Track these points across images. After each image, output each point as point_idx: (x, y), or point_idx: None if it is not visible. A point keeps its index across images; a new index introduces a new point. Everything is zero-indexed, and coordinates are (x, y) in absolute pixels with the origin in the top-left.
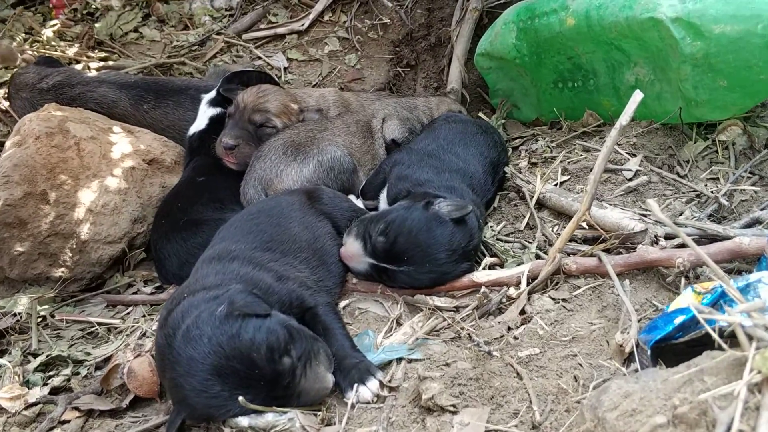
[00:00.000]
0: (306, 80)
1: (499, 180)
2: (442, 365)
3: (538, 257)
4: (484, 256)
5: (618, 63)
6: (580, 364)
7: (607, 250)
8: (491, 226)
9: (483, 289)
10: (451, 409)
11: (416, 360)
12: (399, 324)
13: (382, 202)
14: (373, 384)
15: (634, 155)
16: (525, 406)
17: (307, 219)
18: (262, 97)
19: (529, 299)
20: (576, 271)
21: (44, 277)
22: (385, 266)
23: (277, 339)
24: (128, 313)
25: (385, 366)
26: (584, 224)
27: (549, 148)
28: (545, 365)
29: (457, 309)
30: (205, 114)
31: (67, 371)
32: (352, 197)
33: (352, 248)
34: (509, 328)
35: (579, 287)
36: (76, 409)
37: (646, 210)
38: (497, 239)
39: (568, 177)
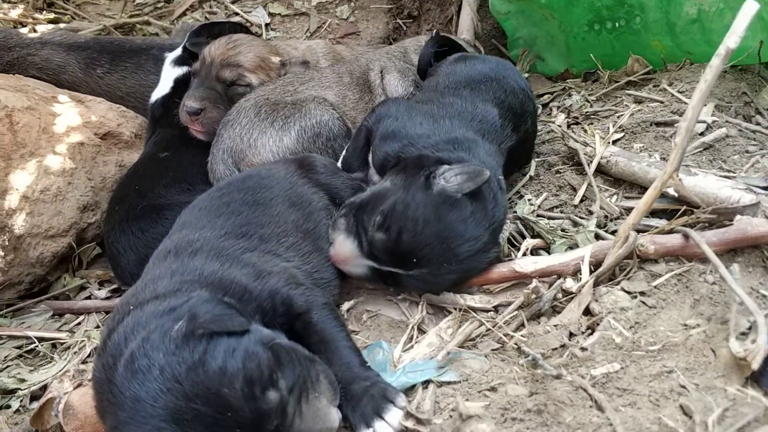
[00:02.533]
0: (291, 38)
1: (525, 132)
2: (485, 390)
3: (598, 237)
4: (523, 237)
5: None
6: (684, 387)
7: (689, 227)
8: (529, 200)
9: (534, 283)
10: None
11: (449, 383)
12: (421, 331)
13: (374, 173)
14: (393, 416)
15: (703, 104)
16: None
17: (295, 191)
18: (232, 48)
19: (594, 293)
20: (654, 253)
21: None
22: (389, 270)
23: (258, 366)
24: (78, 324)
25: (406, 391)
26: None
27: (588, 102)
28: (632, 388)
29: (496, 309)
30: (169, 75)
31: None
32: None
33: (344, 248)
34: (572, 334)
35: (659, 275)
36: None
37: (729, 171)
38: (538, 215)
39: (622, 134)
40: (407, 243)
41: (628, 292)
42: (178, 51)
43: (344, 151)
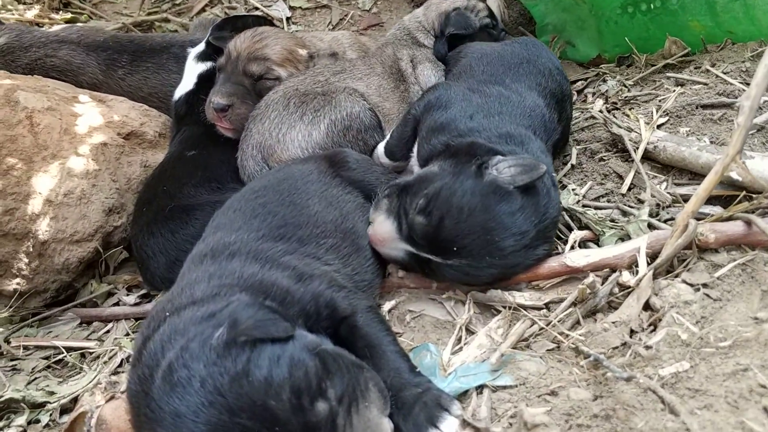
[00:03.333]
0: (314, 30)
1: (566, 119)
2: (546, 395)
3: (651, 227)
4: (570, 229)
5: None
6: (763, 386)
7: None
8: (573, 189)
9: (591, 277)
10: None
11: (505, 387)
12: (469, 332)
13: (415, 164)
14: (449, 425)
15: (750, 84)
16: None
17: (330, 191)
18: (259, 41)
19: (653, 287)
20: (715, 242)
21: None
22: (427, 257)
23: (306, 375)
24: (107, 332)
25: (459, 396)
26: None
27: (625, 87)
28: (705, 388)
29: (547, 306)
30: (192, 71)
31: (23, 420)
32: (376, 147)
33: (383, 229)
34: (633, 332)
35: (720, 265)
36: None
37: None
38: (584, 206)
39: (667, 119)
40: (449, 230)
41: (690, 285)
42: (201, 46)
43: (389, 137)
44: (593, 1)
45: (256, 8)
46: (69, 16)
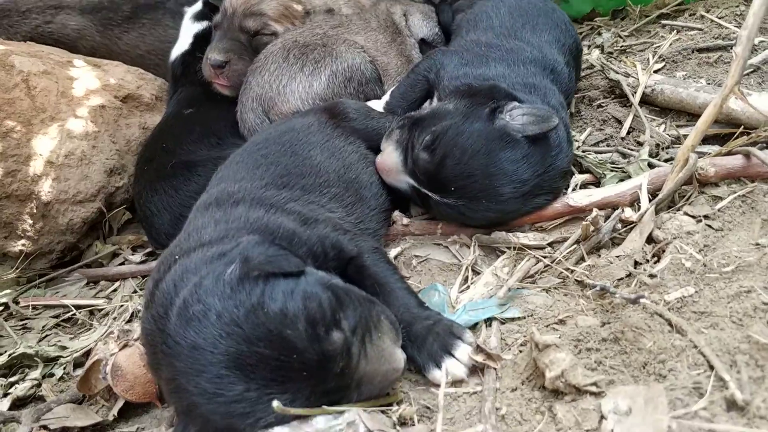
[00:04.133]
0: None
1: (578, 76)
2: (554, 324)
3: (651, 166)
4: (571, 174)
5: None
6: (766, 303)
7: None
8: (572, 136)
9: (594, 212)
10: (593, 389)
11: (513, 319)
12: (475, 272)
13: None
14: (463, 351)
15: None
16: (704, 375)
17: (332, 142)
18: None
19: (655, 221)
20: (715, 176)
21: (0, 254)
22: (426, 192)
23: (320, 306)
24: (115, 290)
25: (469, 329)
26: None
27: (621, 38)
28: (710, 310)
29: (551, 246)
30: (188, 31)
31: (37, 373)
32: (374, 103)
33: (389, 160)
34: (637, 263)
35: (721, 198)
36: (45, 428)
37: None
38: (584, 151)
39: (663, 64)
40: (449, 169)
41: (692, 217)
42: (198, 5)
43: (388, 97)
44: None
45: None
46: None
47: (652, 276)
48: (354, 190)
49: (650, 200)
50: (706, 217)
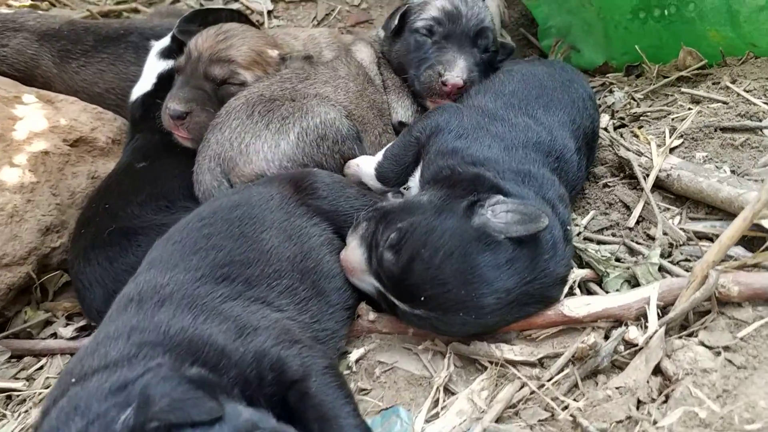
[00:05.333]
0: (296, 26)
1: (591, 163)
2: None
3: (662, 269)
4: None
5: None
6: None
7: None
8: (573, 219)
9: (592, 337)
10: None
11: None
12: (449, 392)
13: (415, 188)
14: None
15: None
16: None
17: (291, 222)
18: (223, 40)
19: (664, 347)
20: (739, 296)
21: None
22: (393, 301)
23: None
24: (40, 368)
25: None
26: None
27: (634, 100)
28: None
29: (541, 363)
30: (152, 70)
31: None
32: (359, 163)
33: (352, 257)
34: (640, 402)
35: (745, 323)
36: None
37: None
38: (585, 238)
39: (681, 141)
40: (417, 274)
41: (709, 347)
42: (166, 40)
43: (381, 158)
44: (602, 3)
45: (236, 0)
46: (29, 2)
47: (658, 427)
48: (311, 282)
49: (659, 317)
50: (726, 348)
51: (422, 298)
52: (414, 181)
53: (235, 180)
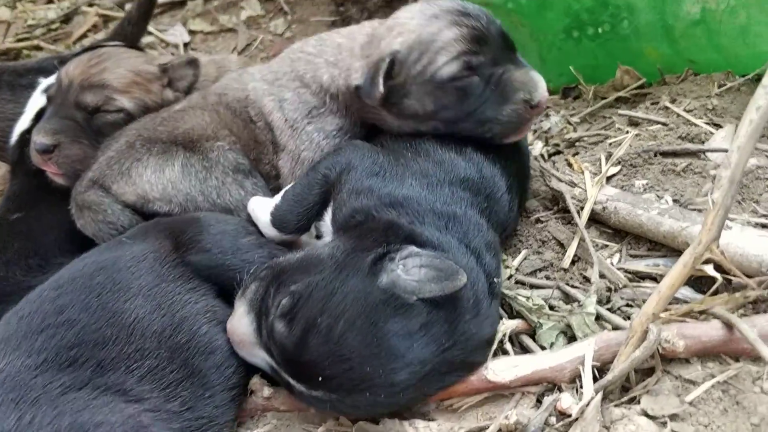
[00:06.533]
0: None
1: (523, 201)
2: None
3: (599, 318)
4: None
5: None
6: None
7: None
8: (503, 261)
9: (513, 416)
10: None
11: None
12: None
13: (327, 234)
14: None
15: (718, 126)
16: None
17: (163, 288)
18: (96, 64)
19: (601, 418)
20: (686, 351)
21: None
22: (288, 380)
23: None
24: None
25: None
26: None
27: (570, 125)
28: None
29: None
30: (33, 105)
31: None
32: (253, 207)
33: (240, 327)
34: None
35: (694, 383)
36: None
37: (765, 216)
38: (517, 282)
39: (619, 168)
40: (313, 350)
41: (653, 417)
42: (54, 77)
43: (278, 201)
44: (534, 24)
45: (150, 33)
46: None
47: None
48: (182, 360)
49: (596, 378)
50: (673, 417)
51: (320, 379)
52: (326, 227)
53: (117, 193)
